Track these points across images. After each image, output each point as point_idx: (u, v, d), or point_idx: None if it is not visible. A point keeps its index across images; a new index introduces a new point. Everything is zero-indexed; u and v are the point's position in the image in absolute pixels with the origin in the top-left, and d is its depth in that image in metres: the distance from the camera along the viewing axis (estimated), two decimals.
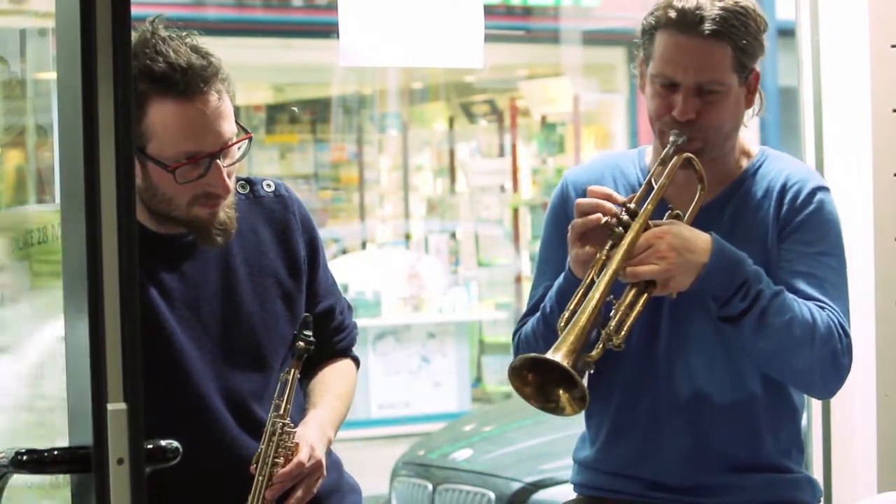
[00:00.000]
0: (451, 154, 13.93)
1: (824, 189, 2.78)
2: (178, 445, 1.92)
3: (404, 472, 6.38)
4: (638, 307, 2.58)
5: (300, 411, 2.73)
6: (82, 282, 1.87)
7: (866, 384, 3.36)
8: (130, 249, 1.87)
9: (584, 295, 2.55)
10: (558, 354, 2.46)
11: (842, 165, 3.45)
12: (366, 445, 10.38)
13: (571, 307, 2.55)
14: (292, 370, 2.64)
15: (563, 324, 2.53)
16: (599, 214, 2.59)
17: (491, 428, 6.60)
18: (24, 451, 1.95)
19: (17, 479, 2.10)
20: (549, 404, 2.53)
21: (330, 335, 2.83)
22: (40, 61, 2.94)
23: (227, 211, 2.63)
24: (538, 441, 5.91)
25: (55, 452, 1.94)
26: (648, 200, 2.64)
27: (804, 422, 3.51)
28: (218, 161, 2.57)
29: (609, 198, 2.62)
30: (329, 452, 2.73)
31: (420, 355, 11.24)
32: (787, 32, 3.64)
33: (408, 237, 12.98)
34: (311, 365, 2.78)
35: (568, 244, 2.64)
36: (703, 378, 2.73)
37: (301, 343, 2.64)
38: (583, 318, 2.50)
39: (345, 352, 2.88)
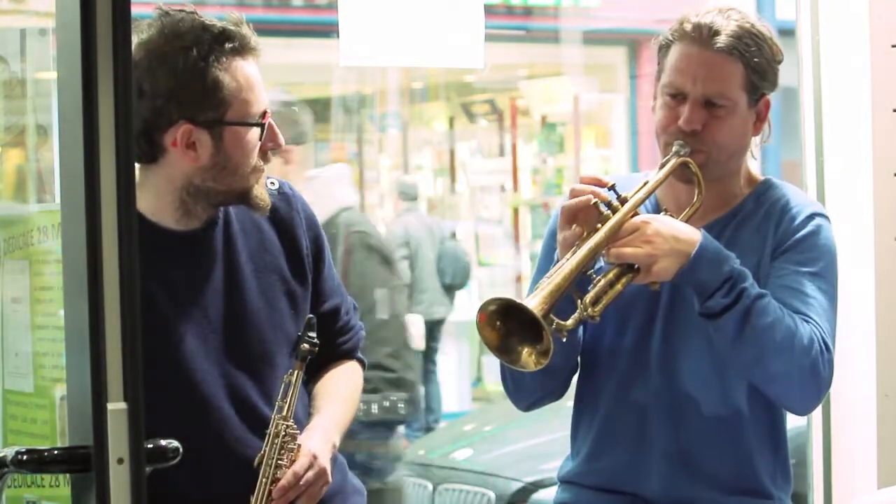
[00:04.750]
0: (451, 154, 13.94)
1: (823, 216, 2.77)
2: (178, 445, 1.92)
3: (405, 471, 6.38)
4: (618, 286, 2.58)
5: (305, 413, 2.73)
6: (82, 281, 1.87)
7: (866, 384, 3.36)
8: (130, 249, 1.87)
9: (566, 263, 2.56)
10: (531, 302, 2.47)
11: (842, 165, 3.45)
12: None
13: (551, 273, 2.55)
14: (296, 371, 2.63)
15: (541, 284, 2.54)
16: (590, 196, 2.60)
17: (491, 428, 6.60)
18: (24, 450, 1.95)
19: None
20: (509, 356, 2.52)
21: (335, 336, 2.82)
22: (40, 61, 2.94)
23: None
24: (538, 441, 5.91)
25: (55, 452, 1.95)
26: (641, 191, 2.66)
27: (804, 423, 3.51)
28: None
29: (598, 182, 2.63)
30: (334, 455, 2.73)
31: None
32: (787, 32, 3.64)
33: None
34: (317, 366, 2.78)
35: (558, 228, 2.64)
36: (692, 391, 2.72)
37: (305, 345, 2.63)
38: (559, 278, 2.51)
39: (350, 353, 2.87)
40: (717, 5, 2.74)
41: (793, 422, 2.87)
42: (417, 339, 10.48)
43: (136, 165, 2.53)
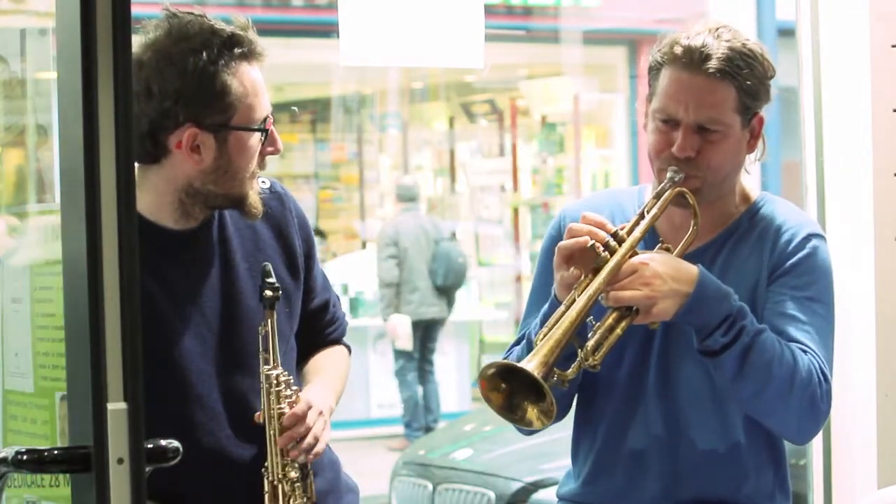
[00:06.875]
0: (451, 154, 13.94)
1: (819, 237, 2.74)
2: (179, 445, 1.92)
3: (404, 471, 6.39)
4: (618, 331, 2.55)
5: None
6: (82, 281, 1.87)
7: (866, 384, 3.36)
8: (130, 249, 1.87)
9: (565, 313, 2.52)
10: (530, 364, 2.44)
11: (842, 165, 3.45)
12: (366, 445, 10.38)
13: (550, 323, 2.52)
14: (268, 321, 2.61)
15: (540, 338, 2.51)
16: (587, 237, 2.56)
17: (491, 428, 6.59)
18: (24, 450, 1.95)
19: None
20: (514, 415, 2.51)
21: (324, 327, 2.88)
22: (40, 61, 2.94)
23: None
24: (538, 441, 5.90)
25: (55, 452, 1.95)
26: (638, 228, 2.62)
27: None
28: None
29: (602, 226, 2.59)
30: (328, 451, 2.73)
31: None
32: (787, 32, 3.65)
33: None
34: (307, 355, 2.83)
35: (554, 267, 2.61)
36: (689, 419, 2.72)
37: (268, 291, 2.60)
38: (559, 332, 2.47)
39: (337, 341, 2.93)
40: (707, 24, 2.69)
41: None
42: (404, 339, 10.49)
43: (136, 165, 2.53)
